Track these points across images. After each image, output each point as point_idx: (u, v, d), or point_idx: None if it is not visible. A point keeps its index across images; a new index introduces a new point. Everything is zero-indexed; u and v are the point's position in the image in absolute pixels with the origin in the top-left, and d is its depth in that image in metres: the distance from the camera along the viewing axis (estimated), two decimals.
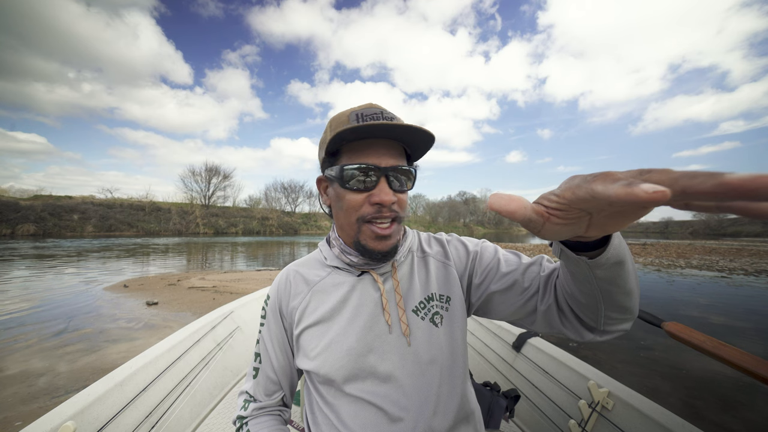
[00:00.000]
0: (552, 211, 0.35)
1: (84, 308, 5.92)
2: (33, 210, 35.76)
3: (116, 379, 1.18)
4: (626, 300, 0.52)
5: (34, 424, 0.92)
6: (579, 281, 0.51)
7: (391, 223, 0.66)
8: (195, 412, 1.53)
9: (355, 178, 0.64)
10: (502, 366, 1.75)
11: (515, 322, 0.69)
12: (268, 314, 0.78)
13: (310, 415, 0.73)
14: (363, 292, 0.71)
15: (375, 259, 0.68)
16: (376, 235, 0.65)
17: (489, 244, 0.76)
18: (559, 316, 0.60)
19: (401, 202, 0.67)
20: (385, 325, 0.68)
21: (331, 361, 0.67)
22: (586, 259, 0.46)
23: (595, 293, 0.51)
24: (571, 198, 0.32)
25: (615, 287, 0.50)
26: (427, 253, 0.77)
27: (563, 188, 0.33)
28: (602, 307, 0.53)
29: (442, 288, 0.73)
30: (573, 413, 1.29)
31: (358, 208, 0.65)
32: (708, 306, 6.59)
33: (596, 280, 0.49)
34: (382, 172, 0.63)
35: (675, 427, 0.96)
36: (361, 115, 0.64)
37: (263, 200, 66.15)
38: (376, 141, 0.64)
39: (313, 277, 0.76)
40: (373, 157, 0.64)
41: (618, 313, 0.54)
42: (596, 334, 0.57)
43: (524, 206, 0.34)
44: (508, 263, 0.69)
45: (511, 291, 0.66)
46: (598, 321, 0.55)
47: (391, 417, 0.64)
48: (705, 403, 2.98)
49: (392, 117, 0.65)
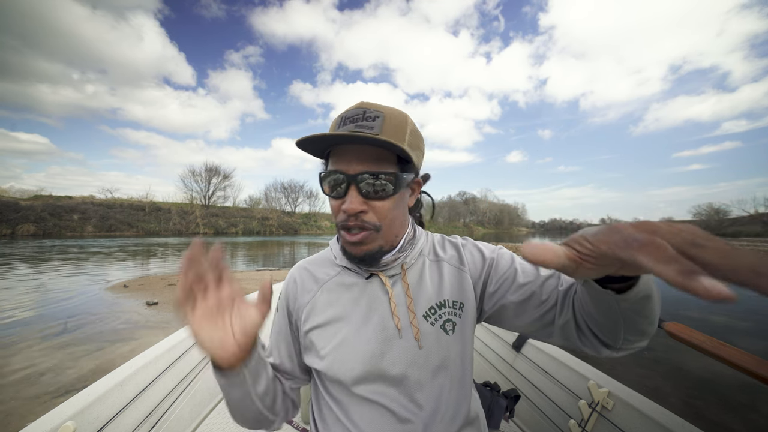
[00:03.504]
0: (585, 257, 0.33)
1: (84, 308, 5.92)
2: (33, 210, 35.78)
3: (116, 379, 1.18)
4: (649, 327, 0.51)
5: (34, 424, 0.92)
6: (601, 308, 0.50)
7: (360, 231, 0.63)
8: (195, 412, 1.53)
9: (330, 185, 0.64)
10: (502, 366, 1.75)
11: (531, 334, 0.67)
12: (279, 310, 0.79)
13: (318, 412, 0.73)
14: (372, 294, 0.70)
15: (354, 262, 0.69)
16: (347, 241, 0.65)
17: (506, 252, 0.73)
18: (576, 332, 0.58)
19: (377, 210, 0.63)
20: (394, 329, 0.67)
21: (341, 361, 0.66)
22: (613, 293, 0.45)
23: (617, 320, 0.50)
24: (607, 253, 0.31)
25: (640, 317, 0.49)
26: (441, 258, 0.76)
27: (600, 239, 0.31)
28: (622, 331, 0.51)
29: (455, 294, 0.71)
30: (573, 413, 1.29)
31: (335, 214, 0.66)
32: (708, 306, 6.59)
33: (621, 311, 0.47)
34: (349, 179, 0.62)
35: (675, 427, 0.96)
36: (343, 119, 0.63)
37: (263, 200, 66.25)
38: (348, 146, 0.63)
39: (322, 275, 0.75)
40: (343, 163, 0.62)
41: (638, 336, 0.53)
42: (613, 350, 0.56)
43: (557, 255, 0.33)
44: (526, 274, 0.67)
45: (529, 303, 0.64)
46: (617, 341, 0.54)
47: (400, 418, 0.64)
48: (705, 403, 2.98)
49: (376, 115, 0.62)
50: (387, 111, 0.63)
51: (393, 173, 0.63)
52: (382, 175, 0.61)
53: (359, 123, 0.61)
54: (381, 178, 0.62)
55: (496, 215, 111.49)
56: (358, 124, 0.61)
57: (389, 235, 0.68)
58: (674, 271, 0.23)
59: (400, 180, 0.64)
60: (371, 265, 0.69)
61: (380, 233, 0.65)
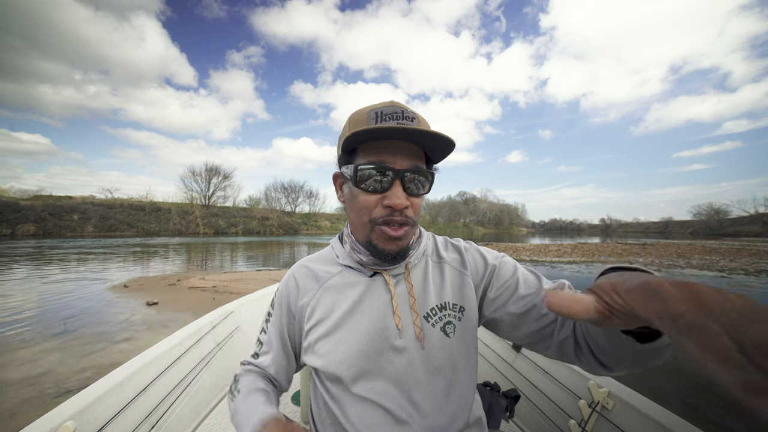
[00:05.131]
0: (616, 312, 0.31)
1: (84, 308, 5.92)
2: (33, 210, 35.75)
3: (116, 379, 1.18)
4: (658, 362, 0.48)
5: (33, 424, 0.92)
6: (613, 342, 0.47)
7: (401, 226, 0.64)
8: (195, 412, 1.53)
9: (370, 178, 0.62)
10: (502, 366, 1.75)
11: (528, 345, 0.67)
12: (276, 307, 0.78)
13: (316, 410, 0.73)
14: (375, 293, 0.70)
15: (385, 260, 0.67)
16: (388, 237, 0.64)
17: (509, 260, 0.73)
18: (575, 349, 0.57)
19: (414, 207, 0.65)
20: (395, 329, 0.67)
21: (339, 359, 0.66)
22: (634, 341, 0.42)
23: (626, 356, 0.47)
24: (640, 316, 0.27)
25: (654, 360, 0.46)
26: (443, 259, 0.75)
27: (635, 299, 0.28)
28: (629, 364, 0.49)
29: (456, 297, 0.71)
30: (573, 413, 1.29)
31: (370, 209, 0.64)
32: None
33: (635, 351, 0.44)
34: (397, 174, 0.61)
35: (675, 427, 0.96)
36: (380, 114, 0.62)
37: (263, 200, 66.25)
38: (394, 141, 0.62)
39: (324, 274, 0.75)
40: (388, 157, 0.62)
41: (642, 368, 0.50)
42: (610, 372, 0.55)
43: (587, 309, 0.32)
44: (528, 285, 0.66)
45: (529, 315, 0.63)
46: (619, 368, 0.52)
47: (398, 419, 0.63)
48: (705, 403, 2.98)
49: (413, 117, 0.63)
50: (417, 114, 0.65)
51: (430, 172, 0.66)
52: (425, 172, 0.64)
53: (400, 121, 0.62)
54: (424, 175, 0.64)
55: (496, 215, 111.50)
56: (399, 121, 0.62)
57: (415, 231, 0.70)
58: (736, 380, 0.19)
59: (433, 178, 0.67)
60: (401, 260, 0.69)
61: (413, 229, 0.67)
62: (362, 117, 0.64)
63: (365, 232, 0.66)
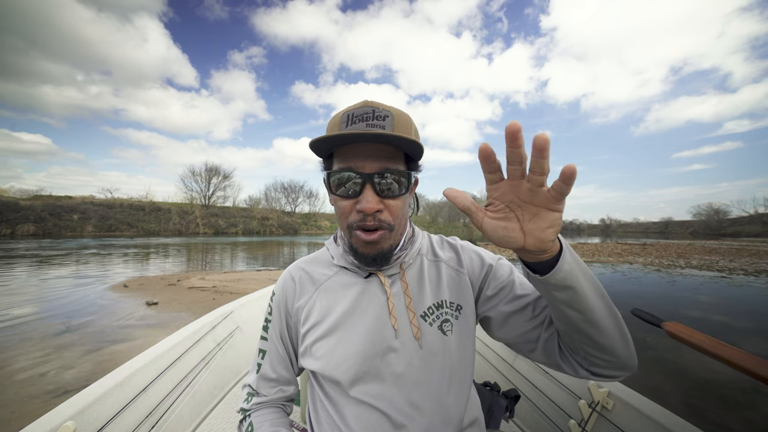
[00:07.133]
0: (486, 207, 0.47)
1: (84, 308, 5.92)
2: (33, 210, 35.72)
3: (116, 379, 1.18)
4: (597, 335, 0.52)
5: (33, 424, 0.92)
6: (551, 307, 0.55)
7: (375, 231, 0.63)
8: (195, 412, 1.53)
9: (342, 184, 0.62)
10: (502, 366, 1.75)
11: (513, 346, 0.68)
12: (274, 311, 0.78)
13: (313, 413, 0.73)
14: (371, 294, 0.69)
15: (366, 263, 0.67)
16: (363, 241, 0.63)
17: (505, 262, 0.74)
18: (559, 350, 0.61)
19: (391, 209, 0.63)
20: (391, 329, 0.66)
21: (336, 362, 0.66)
22: (539, 277, 0.50)
23: (561, 318, 0.54)
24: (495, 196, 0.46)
25: (576, 313, 0.51)
26: (440, 258, 0.75)
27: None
28: (576, 336, 0.54)
29: (453, 295, 0.71)
30: (573, 413, 1.29)
31: (347, 214, 0.64)
32: (708, 306, 6.58)
33: (556, 302, 0.51)
34: (365, 178, 0.60)
35: (675, 427, 0.96)
36: (351, 117, 0.62)
37: (263, 200, 66.19)
38: (364, 144, 0.61)
39: (320, 276, 0.75)
40: (358, 162, 0.61)
41: (598, 351, 0.54)
42: (588, 372, 0.58)
43: (466, 198, 0.45)
44: (523, 287, 0.68)
45: (521, 315, 0.65)
46: (578, 353, 0.57)
47: (395, 423, 0.63)
48: (705, 403, 2.98)
49: (385, 115, 0.61)
50: (394, 110, 0.63)
51: (405, 172, 0.63)
52: (397, 173, 0.62)
53: (370, 122, 0.61)
54: (396, 176, 0.62)
55: None
56: (369, 122, 0.60)
57: (398, 234, 0.68)
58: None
59: (410, 178, 0.65)
60: (382, 264, 0.68)
61: (392, 232, 0.65)
62: (336, 121, 0.64)
63: (347, 237, 0.67)
